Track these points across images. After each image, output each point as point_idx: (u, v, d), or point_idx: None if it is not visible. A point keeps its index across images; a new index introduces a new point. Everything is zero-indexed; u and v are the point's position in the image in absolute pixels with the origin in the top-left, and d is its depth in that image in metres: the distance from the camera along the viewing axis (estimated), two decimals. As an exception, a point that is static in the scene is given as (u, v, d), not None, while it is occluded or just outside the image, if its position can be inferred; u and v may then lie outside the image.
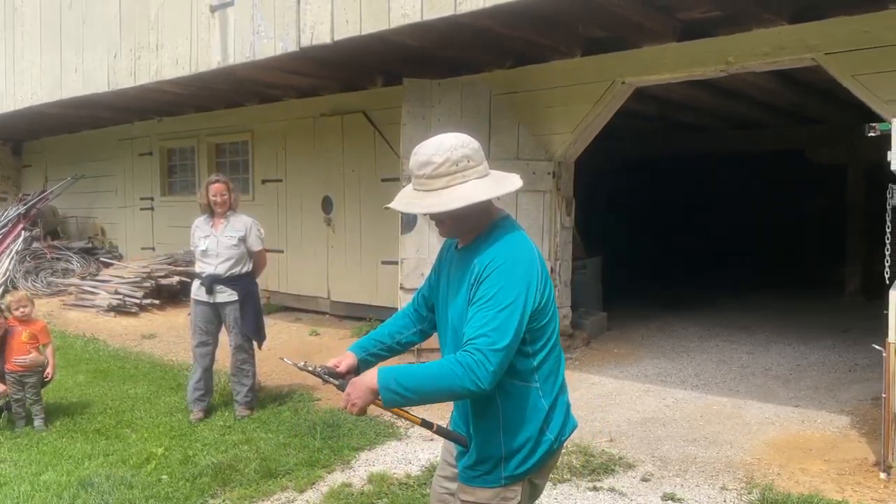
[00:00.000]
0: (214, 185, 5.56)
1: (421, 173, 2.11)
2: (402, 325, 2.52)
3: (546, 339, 2.16)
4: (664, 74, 6.29)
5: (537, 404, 2.16)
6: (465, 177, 2.08)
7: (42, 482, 4.29)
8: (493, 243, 2.10)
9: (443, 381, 1.98)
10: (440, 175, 2.08)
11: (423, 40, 6.23)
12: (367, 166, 8.65)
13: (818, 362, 6.75)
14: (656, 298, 9.91)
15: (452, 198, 2.06)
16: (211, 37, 7.22)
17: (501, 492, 2.16)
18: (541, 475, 2.28)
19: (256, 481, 4.29)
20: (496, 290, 2.01)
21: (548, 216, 6.79)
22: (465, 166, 2.09)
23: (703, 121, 10.55)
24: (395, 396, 2.01)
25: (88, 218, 13.47)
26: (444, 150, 2.09)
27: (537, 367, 2.15)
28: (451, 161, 2.08)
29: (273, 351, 7.09)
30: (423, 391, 2.01)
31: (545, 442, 2.17)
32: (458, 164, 2.08)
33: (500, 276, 2.03)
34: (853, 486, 4.06)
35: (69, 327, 9.11)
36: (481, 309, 2.01)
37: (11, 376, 5.31)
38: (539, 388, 2.16)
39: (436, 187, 2.09)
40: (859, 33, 5.19)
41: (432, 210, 2.10)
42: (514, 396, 2.13)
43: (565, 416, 2.26)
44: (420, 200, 2.13)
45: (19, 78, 10.27)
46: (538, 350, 2.14)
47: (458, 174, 2.08)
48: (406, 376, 2.02)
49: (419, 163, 2.11)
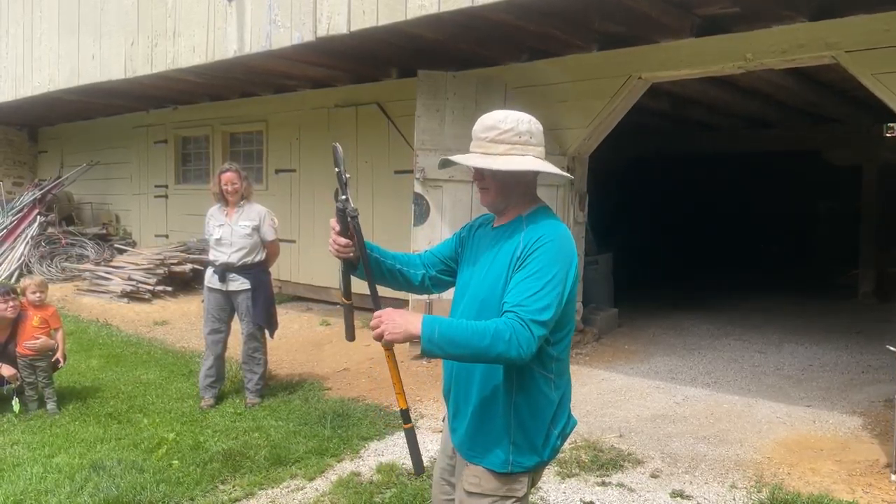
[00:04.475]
0: (225, 174, 5.58)
1: (484, 136, 2.15)
2: (408, 261, 2.49)
3: (567, 330, 2.17)
4: (681, 70, 6.24)
5: (550, 395, 2.15)
6: (525, 150, 2.13)
7: (54, 464, 4.34)
8: (539, 223, 2.13)
9: (486, 341, 1.94)
10: (503, 141, 2.12)
11: (438, 33, 6.22)
12: (381, 158, 8.66)
13: (830, 363, 6.72)
14: (667, 296, 9.88)
15: (512, 161, 2.10)
16: (227, 25, 7.24)
17: (508, 481, 2.14)
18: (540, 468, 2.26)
19: (266, 468, 4.32)
20: (543, 264, 2.03)
21: (561, 211, 6.77)
22: (527, 140, 2.14)
23: (716, 119, 10.49)
24: (434, 348, 1.97)
25: (103, 204, 13.55)
26: (513, 119, 2.15)
27: (556, 357, 2.15)
28: (516, 131, 2.12)
29: (284, 340, 7.13)
30: (465, 347, 1.96)
31: (552, 434, 2.16)
32: (521, 135, 2.13)
33: (547, 252, 2.04)
34: (864, 488, 4.04)
35: (83, 312, 9.18)
36: (527, 279, 2.02)
37: (23, 360, 5.36)
38: (553, 380, 2.15)
39: (496, 152, 2.12)
40: (879, 32, 5.14)
41: (492, 166, 2.11)
42: (529, 382, 2.12)
43: (568, 413, 2.26)
44: (481, 158, 2.14)
45: (37, 64, 10.32)
46: (559, 339, 2.14)
47: (518, 145, 2.12)
48: (451, 329, 1.98)
49: (485, 126, 2.16)
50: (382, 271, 2.41)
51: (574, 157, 6.90)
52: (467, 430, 2.20)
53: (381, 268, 2.41)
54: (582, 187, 7.12)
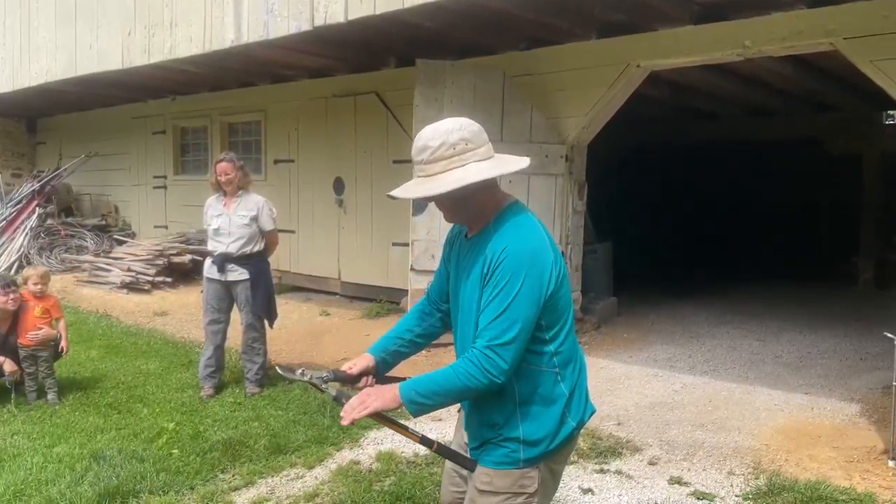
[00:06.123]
0: (220, 164, 5.57)
1: (419, 159, 2.09)
2: (418, 318, 2.49)
3: (562, 324, 2.14)
4: (680, 58, 6.23)
5: (556, 389, 2.14)
6: (464, 160, 2.05)
7: (55, 454, 4.35)
8: (503, 231, 2.08)
9: (460, 382, 2.01)
10: (438, 159, 2.05)
11: (437, 21, 6.20)
12: (380, 148, 8.64)
13: (829, 350, 6.73)
14: (666, 285, 9.87)
15: (447, 181, 2.03)
16: (225, 15, 7.20)
17: (519, 478, 2.13)
18: (558, 460, 2.24)
19: (266, 457, 4.34)
20: (506, 280, 2.00)
21: (560, 200, 6.77)
22: (462, 149, 2.05)
23: (716, 107, 10.47)
24: (420, 407, 2.06)
25: (102, 196, 13.54)
26: (441, 133, 2.06)
27: (555, 351, 2.13)
28: (447, 144, 2.05)
29: (284, 330, 7.14)
30: (447, 394, 2.05)
31: (566, 427, 2.15)
32: (454, 147, 2.05)
33: (509, 264, 2.01)
34: (861, 474, 4.06)
35: (82, 303, 9.19)
36: (492, 300, 2.01)
37: (24, 350, 5.36)
38: (559, 373, 2.14)
39: (434, 172, 2.06)
40: (879, 18, 5.12)
41: (427, 194, 2.07)
42: (531, 380, 2.11)
43: (585, 401, 2.25)
44: (419, 186, 2.10)
45: (34, 55, 10.29)
46: (555, 335, 2.13)
47: (455, 157, 2.05)
48: (425, 385, 2.05)
49: (418, 148, 2.10)
50: (409, 353, 2.47)
51: (573, 146, 6.89)
52: (475, 429, 2.22)
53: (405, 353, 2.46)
54: (581, 176, 7.11)
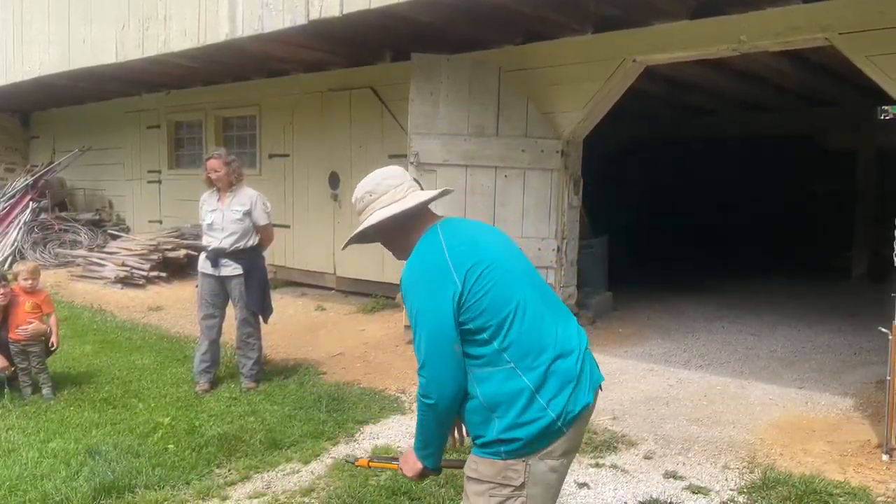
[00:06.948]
0: (209, 160, 5.57)
1: (358, 212, 2.42)
2: None
3: (502, 320, 2.16)
4: (675, 53, 6.23)
5: (515, 383, 2.15)
6: (372, 209, 2.34)
7: (50, 449, 4.34)
8: (410, 259, 2.30)
9: (421, 417, 2.24)
10: (359, 212, 2.39)
11: (433, 15, 6.18)
12: (375, 142, 8.61)
13: (823, 345, 6.75)
14: (662, 280, 9.89)
15: (358, 230, 2.38)
16: (219, 8, 7.17)
17: (503, 468, 2.16)
18: (552, 455, 2.18)
19: (262, 452, 4.34)
20: (408, 304, 2.23)
21: (555, 195, 6.75)
22: (368, 201, 2.36)
23: (712, 103, 10.47)
24: (430, 459, 2.31)
25: (96, 190, 13.48)
26: (357, 190, 2.40)
27: (502, 347, 2.16)
28: (357, 199, 2.39)
29: (279, 325, 7.13)
30: (427, 433, 2.28)
31: (544, 419, 2.13)
32: (362, 201, 2.37)
33: (406, 294, 2.25)
34: (855, 468, 4.08)
35: (77, 298, 9.16)
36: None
37: (15, 346, 5.35)
38: (514, 366, 2.16)
39: (362, 220, 2.38)
40: (874, 13, 5.12)
41: (346, 242, 2.45)
42: (488, 381, 2.17)
43: (571, 391, 2.18)
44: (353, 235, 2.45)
45: (27, 48, 10.23)
46: (496, 333, 2.16)
47: (366, 209, 2.36)
48: (417, 441, 2.31)
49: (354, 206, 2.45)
50: None
51: (569, 141, 6.88)
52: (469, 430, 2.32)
53: None
54: (577, 171, 7.10)
